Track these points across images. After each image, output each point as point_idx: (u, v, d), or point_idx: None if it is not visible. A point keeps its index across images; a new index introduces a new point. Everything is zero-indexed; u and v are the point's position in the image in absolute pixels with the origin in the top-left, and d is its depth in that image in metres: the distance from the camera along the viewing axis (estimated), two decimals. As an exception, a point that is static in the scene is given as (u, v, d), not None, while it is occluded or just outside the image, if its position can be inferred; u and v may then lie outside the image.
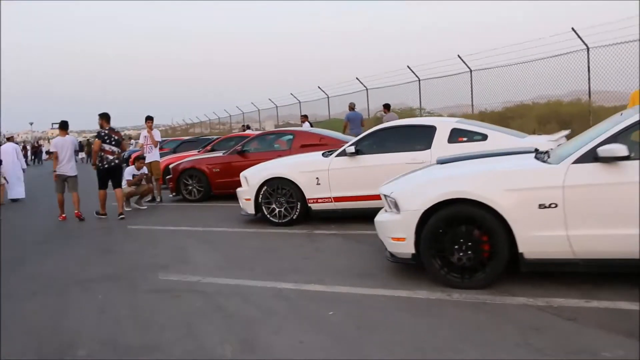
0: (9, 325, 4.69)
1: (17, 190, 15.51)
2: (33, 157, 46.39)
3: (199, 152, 15.86)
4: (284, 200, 8.59)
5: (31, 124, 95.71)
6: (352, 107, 17.13)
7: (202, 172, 12.34)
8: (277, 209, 8.63)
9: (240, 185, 9.28)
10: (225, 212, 10.44)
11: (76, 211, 10.73)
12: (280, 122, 32.81)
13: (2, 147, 16.05)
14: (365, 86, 22.33)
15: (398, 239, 5.15)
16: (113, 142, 10.63)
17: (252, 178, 8.83)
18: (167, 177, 13.03)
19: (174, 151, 20.54)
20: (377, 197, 7.91)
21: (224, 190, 12.14)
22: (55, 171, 10.77)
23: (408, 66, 18.92)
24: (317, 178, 8.35)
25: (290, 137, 12.02)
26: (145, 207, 11.88)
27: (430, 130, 8.03)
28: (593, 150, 4.46)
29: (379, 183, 7.93)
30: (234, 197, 11.45)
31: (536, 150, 5.60)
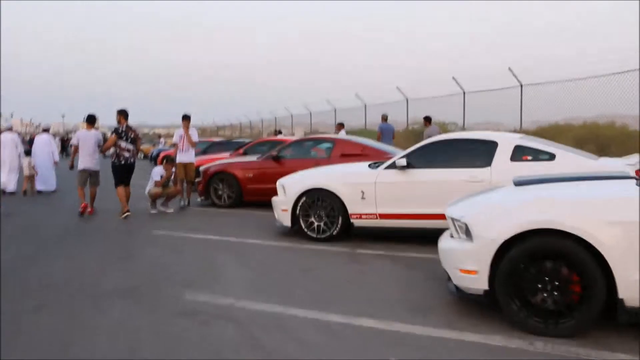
0: (2, 347, 4.00)
1: (48, 182, 15.45)
2: (62, 150, 46.36)
3: (230, 155, 15.24)
4: (324, 214, 7.85)
5: (63, 116, 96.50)
6: (385, 118, 16.61)
7: (234, 177, 11.67)
8: (316, 223, 7.90)
9: (274, 194, 8.71)
10: (257, 222, 9.73)
11: (90, 208, 10.93)
12: (308, 130, 32.10)
13: (36, 138, 16.12)
14: (405, 96, 21.52)
15: (468, 272, 4.36)
16: (129, 140, 10.65)
17: (290, 187, 8.11)
18: (197, 179, 12.36)
19: (204, 152, 19.95)
20: (428, 216, 7.29)
21: (255, 197, 11.48)
22: (72, 162, 11.08)
23: (453, 77, 18.11)
24: (362, 191, 7.59)
25: (330, 145, 11.30)
26: (172, 211, 11.23)
27: (491, 146, 7.23)
28: None
29: (431, 201, 7.24)
30: (266, 205, 10.82)
31: (638, 177, 4.75)
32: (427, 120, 15.73)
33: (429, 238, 7.45)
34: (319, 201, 7.86)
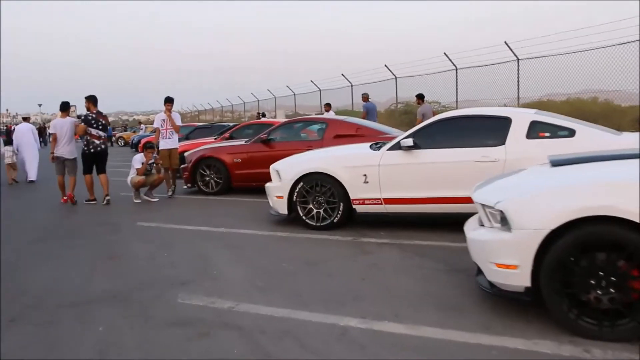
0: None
1: (31, 171, 15.43)
2: (40, 139, 45.27)
3: (215, 139, 14.57)
4: (323, 200, 7.25)
5: (40, 105, 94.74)
6: (366, 97, 16.19)
7: (221, 162, 11.00)
8: (315, 210, 7.30)
9: (265, 179, 8.20)
10: (249, 209, 9.11)
11: (69, 192, 10.62)
12: (289, 112, 31.35)
13: (17, 127, 16.15)
14: (394, 74, 20.87)
15: (506, 266, 3.78)
16: (100, 127, 10.38)
17: (286, 172, 7.49)
18: (182, 166, 11.68)
19: (187, 138, 19.24)
20: (437, 200, 6.71)
21: (245, 183, 10.87)
22: (53, 153, 10.52)
23: (445, 53, 17.48)
24: (364, 175, 7.00)
25: (322, 126, 10.67)
26: (157, 200, 10.57)
27: (504, 123, 6.66)
28: None
29: (440, 183, 6.67)
30: (255, 191, 10.29)
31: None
32: (420, 98, 15.14)
33: (436, 224, 6.95)
34: (317, 186, 7.26)
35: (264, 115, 26.70)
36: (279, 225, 7.61)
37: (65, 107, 10.86)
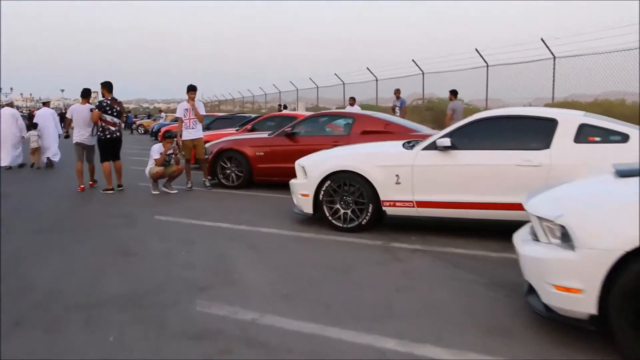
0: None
1: (54, 153, 15.60)
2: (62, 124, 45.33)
3: (237, 131, 14.19)
4: (351, 200, 6.83)
5: (62, 90, 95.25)
6: (398, 93, 15.76)
7: (243, 155, 10.60)
8: (342, 211, 6.88)
9: (288, 174, 7.97)
10: (270, 206, 8.71)
11: (90, 181, 10.95)
12: (309, 105, 30.97)
13: (38, 111, 16.31)
14: (421, 70, 20.34)
15: (567, 290, 3.34)
16: (114, 113, 10.32)
17: (312, 169, 7.08)
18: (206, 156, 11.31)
19: (208, 128, 18.88)
20: (473, 205, 6.25)
21: (267, 178, 10.47)
22: (66, 132, 11.05)
23: (476, 49, 16.91)
24: (397, 175, 6.56)
25: (349, 120, 10.23)
26: (175, 192, 10.21)
27: (549, 125, 6.18)
28: None
29: (477, 187, 6.22)
30: (277, 186, 9.93)
31: None
32: (454, 93, 14.67)
33: (469, 230, 6.51)
34: (345, 185, 6.84)
35: (285, 107, 26.28)
36: (303, 224, 7.20)
37: (86, 94, 10.99)
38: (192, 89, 10.76)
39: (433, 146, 6.49)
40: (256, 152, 10.49)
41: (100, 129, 10.23)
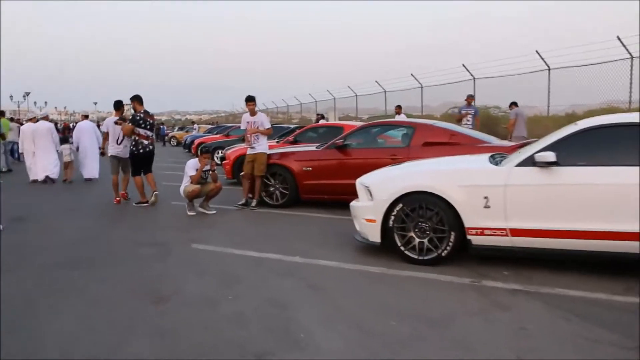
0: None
1: (93, 170, 15.06)
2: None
3: (277, 143, 13.11)
4: (428, 227, 5.64)
5: (95, 103, 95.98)
6: (470, 100, 14.36)
7: (288, 171, 9.51)
8: (418, 240, 5.70)
9: (339, 191, 7.81)
10: (323, 229, 7.58)
11: (122, 192, 10.61)
12: (341, 115, 30.45)
13: (79, 124, 15.84)
14: (472, 75, 19.06)
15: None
16: (148, 126, 10.08)
17: (379, 190, 5.92)
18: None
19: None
20: (586, 234, 5.00)
21: (315, 196, 9.38)
22: (103, 149, 10.89)
23: (537, 51, 15.61)
24: (485, 197, 5.36)
25: (409, 130, 9.07)
26: (214, 212, 9.14)
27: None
28: None
29: (590, 212, 4.98)
30: (327, 205, 8.88)
31: None
32: (514, 104, 13.45)
33: (567, 264, 5.32)
34: (421, 209, 5.66)
35: (323, 117, 25.15)
36: (368, 255, 6.05)
37: (118, 106, 10.78)
38: (250, 100, 9.78)
39: (530, 162, 5.29)
40: (303, 167, 9.38)
41: (134, 143, 9.96)
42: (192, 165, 9.20)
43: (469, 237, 5.50)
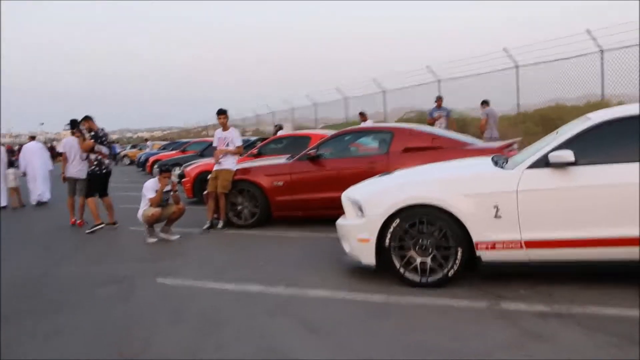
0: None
1: (43, 193, 14.38)
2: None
3: (240, 156, 12.27)
4: (430, 244, 4.93)
5: (42, 124, 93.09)
6: (440, 101, 13.74)
7: (257, 187, 8.71)
8: (419, 259, 4.98)
9: (318, 207, 7.76)
10: (305, 250, 6.84)
11: (79, 220, 10.10)
12: (287, 124, 30.09)
13: (25, 146, 14.99)
14: (437, 76, 18.52)
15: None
16: (108, 144, 9.74)
17: (372, 204, 5.20)
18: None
19: (201, 155, 17.11)
20: (614, 242, 4.40)
21: (288, 213, 8.61)
22: (63, 173, 10.19)
23: (504, 49, 15.15)
24: (495, 207, 4.71)
25: (387, 136, 8.39)
26: (177, 237, 8.26)
27: None
28: None
29: (617, 217, 4.38)
30: (301, 222, 8.11)
31: None
32: (486, 103, 12.97)
33: (583, 276, 4.71)
34: (422, 224, 4.95)
35: (281, 128, 24.40)
36: (362, 280, 5.33)
37: (74, 125, 10.12)
38: (220, 113, 9.07)
39: (543, 162, 4.67)
40: (273, 182, 8.60)
41: (96, 162, 9.40)
42: (150, 187, 8.32)
43: (478, 252, 4.82)
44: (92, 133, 9.47)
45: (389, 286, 5.04)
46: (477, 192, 4.81)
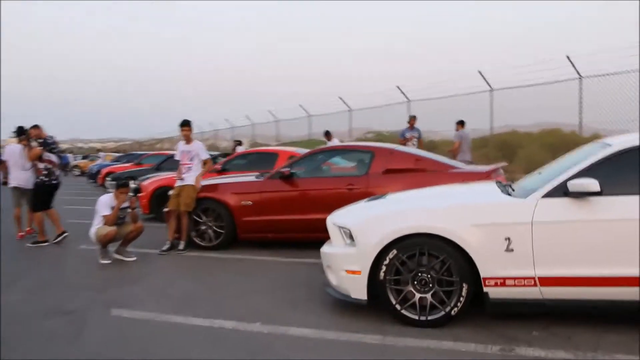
0: None
1: None
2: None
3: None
4: (431, 279, 4.36)
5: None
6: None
7: (223, 205, 8.00)
8: (418, 295, 4.40)
9: (290, 229, 7.45)
10: (279, 278, 6.21)
11: (24, 231, 9.67)
12: (253, 141, 29.72)
13: None
14: (407, 97, 18.17)
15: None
16: (58, 153, 9.29)
17: (365, 232, 4.62)
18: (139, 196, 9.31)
19: (158, 168, 16.25)
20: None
21: (257, 235, 7.92)
22: (5, 181, 9.77)
23: (480, 72, 14.90)
24: (507, 239, 4.18)
25: (366, 156, 7.83)
26: (134, 259, 7.51)
27: None
28: None
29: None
30: (272, 245, 7.50)
31: None
32: (461, 124, 12.56)
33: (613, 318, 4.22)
34: (422, 256, 4.37)
35: (240, 143, 23.69)
36: (350, 315, 4.72)
37: (21, 132, 9.60)
38: (184, 125, 8.33)
39: (561, 191, 4.15)
40: (242, 200, 7.92)
41: (46, 172, 8.79)
42: (105, 202, 7.53)
43: (485, 289, 4.26)
44: (41, 140, 8.87)
45: (382, 324, 4.45)
46: (487, 222, 4.27)
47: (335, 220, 4.98)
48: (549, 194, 4.23)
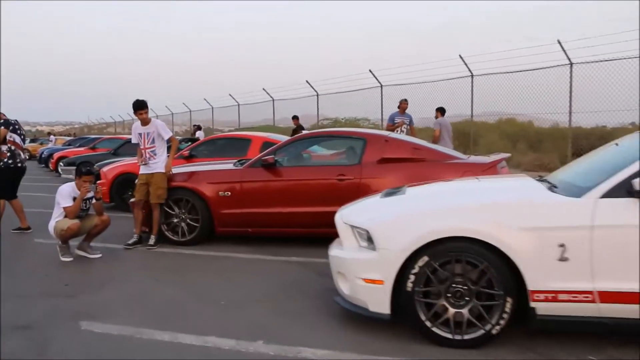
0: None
1: None
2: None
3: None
4: (468, 292, 3.68)
5: None
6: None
7: (198, 196, 7.17)
8: (453, 310, 3.72)
9: (274, 223, 6.83)
10: (269, 281, 5.48)
11: None
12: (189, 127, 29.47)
13: None
14: (380, 82, 17.50)
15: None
16: (22, 135, 8.31)
17: (389, 233, 3.91)
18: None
19: (115, 153, 15.25)
20: None
21: (236, 229, 7.13)
22: None
23: (460, 56, 14.31)
24: (561, 245, 3.51)
25: (358, 143, 7.12)
26: (99, 255, 6.64)
27: None
28: None
29: None
30: (254, 240, 6.90)
31: None
32: (440, 111, 11.90)
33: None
34: (458, 264, 3.70)
35: (200, 128, 22.76)
36: (371, 333, 4.02)
37: None
38: (139, 107, 7.20)
39: (623, 190, 3.52)
40: (219, 191, 7.10)
41: (10, 155, 7.99)
42: (66, 193, 6.61)
43: (532, 304, 3.61)
44: (2, 121, 8.05)
45: (409, 344, 3.78)
46: (539, 226, 3.62)
47: (349, 218, 4.26)
48: (609, 194, 3.60)
